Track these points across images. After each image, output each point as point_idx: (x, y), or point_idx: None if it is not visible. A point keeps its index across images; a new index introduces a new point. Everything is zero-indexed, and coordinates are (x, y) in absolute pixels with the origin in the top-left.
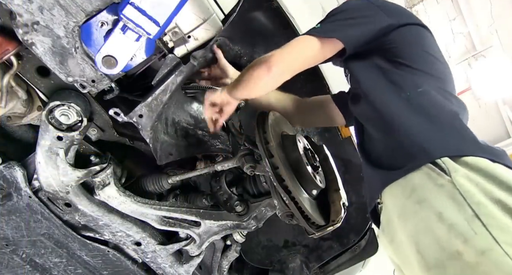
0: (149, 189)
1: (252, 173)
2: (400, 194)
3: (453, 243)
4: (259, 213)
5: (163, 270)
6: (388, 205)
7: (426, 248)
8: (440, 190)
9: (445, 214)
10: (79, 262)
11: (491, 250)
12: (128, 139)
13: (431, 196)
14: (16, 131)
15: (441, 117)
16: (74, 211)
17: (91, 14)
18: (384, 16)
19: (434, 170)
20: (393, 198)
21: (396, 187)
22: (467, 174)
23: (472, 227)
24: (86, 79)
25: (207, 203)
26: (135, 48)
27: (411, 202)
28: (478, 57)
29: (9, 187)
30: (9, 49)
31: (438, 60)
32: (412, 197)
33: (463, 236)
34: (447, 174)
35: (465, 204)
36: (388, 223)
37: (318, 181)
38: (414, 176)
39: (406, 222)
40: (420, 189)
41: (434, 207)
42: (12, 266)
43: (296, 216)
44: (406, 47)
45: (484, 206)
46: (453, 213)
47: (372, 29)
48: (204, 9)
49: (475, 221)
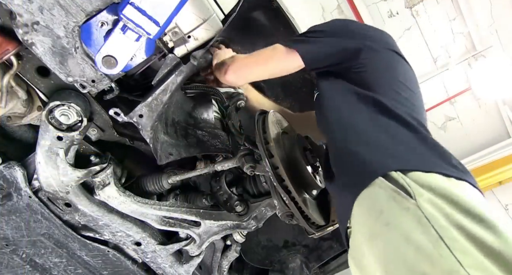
0: (149, 189)
1: (252, 173)
2: (368, 215)
3: (421, 266)
4: (259, 213)
5: (163, 270)
6: (356, 227)
7: (394, 270)
8: (407, 213)
9: (412, 237)
10: (79, 262)
11: (457, 272)
12: (128, 139)
13: (398, 218)
14: (16, 131)
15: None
16: (74, 211)
17: (91, 14)
18: (355, 39)
19: (400, 194)
20: (361, 220)
21: (364, 209)
22: (431, 199)
23: (437, 249)
24: (86, 79)
25: (207, 203)
26: (135, 48)
27: (379, 224)
28: (478, 57)
29: (9, 187)
30: (9, 49)
31: (408, 89)
32: (380, 219)
33: (430, 259)
34: (412, 197)
35: (430, 227)
36: (356, 247)
37: (318, 181)
38: (380, 198)
39: (374, 243)
40: (387, 211)
41: (401, 229)
42: (12, 266)
43: (296, 216)
44: (375, 72)
45: (447, 230)
46: (419, 235)
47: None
48: (204, 9)
49: (440, 243)
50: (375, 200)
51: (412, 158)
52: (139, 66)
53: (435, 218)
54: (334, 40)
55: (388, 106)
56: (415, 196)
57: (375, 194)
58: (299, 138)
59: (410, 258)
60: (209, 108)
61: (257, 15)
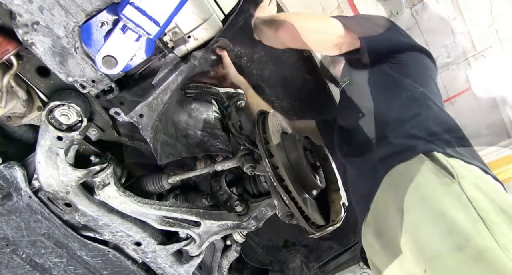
0: (149, 189)
1: (252, 173)
2: (402, 188)
3: (455, 239)
4: (259, 213)
5: (163, 270)
6: (383, 198)
7: (426, 240)
8: (447, 190)
9: (449, 213)
10: (79, 262)
11: (492, 249)
12: (128, 139)
13: (436, 193)
14: (16, 131)
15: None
16: (74, 211)
17: (91, 14)
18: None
19: (442, 172)
20: (392, 192)
21: (397, 182)
22: (475, 182)
23: (476, 228)
24: (86, 79)
25: (207, 203)
26: (135, 48)
27: (414, 197)
28: (478, 57)
29: (9, 187)
30: (9, 49)
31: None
32: (416, 192)
33: (466, 234)
34: (455, 178)
35: (470, 207)
36: (379, 218)
37: (318, 181)
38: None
39: (406, 214)
40: (425, 186)
41: (438, 203)
42: (12, 266)
43: (296, 216)
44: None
45: (489, 213)
46: (457, 213)
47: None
48: (204, 9)
49: (480, 223)
50: (412, 174)
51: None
52: (139, 66)
53: (477, 200)
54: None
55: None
56: (458, 178)
57: (414, 169)
58: (299, 138)
59: (445, 231)
60: (209, 108)
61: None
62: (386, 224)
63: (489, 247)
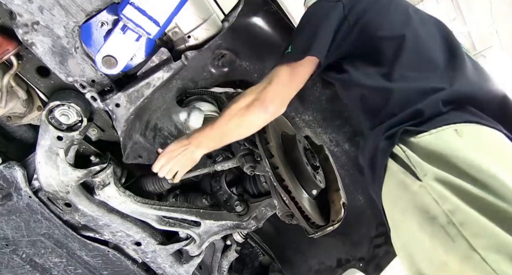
0: (149, 189)
1: (252, 173)
2: (389, 203)
3: (437, 253)
4: (259, 213)
5: (163, 270)
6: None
7: (418, 261)
8: (415, 199)
9: (425, 224)
10: (79, 262)
11: (470, 257)
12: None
13: (409, 206)
14: (16, 131)
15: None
16: (74, 211)
17: (91, 14)
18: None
19: (408, 176)
20: (386, 208)
21: (385, 199)
22: (437, 174)
23: (450, 235)
24: (86, 79)
25: (207, 203)
26: (135, 48)
27: (397, 212)
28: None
29: (9, 187)
30: (9, 49)
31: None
32: (397, 207)
33: (444, 246)
34: (418, 178)
35: (440, 211)
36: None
37: (318, 181)
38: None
39: (397, 232)
40: (400, 199)
41: (415, 217)
42: (12, 266)
43: (296, 216)
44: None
45: (458, 211)
46: (431, 222)
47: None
48: (204, 9)
49: (451, 228)
50: (391, 188)
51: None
52: (139, 66)
53: (444, 199)
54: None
55: None
56: (420, 176)
57: (390, 181)
58: (299, 138)
59: (427, 247)
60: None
61: (259, 23)
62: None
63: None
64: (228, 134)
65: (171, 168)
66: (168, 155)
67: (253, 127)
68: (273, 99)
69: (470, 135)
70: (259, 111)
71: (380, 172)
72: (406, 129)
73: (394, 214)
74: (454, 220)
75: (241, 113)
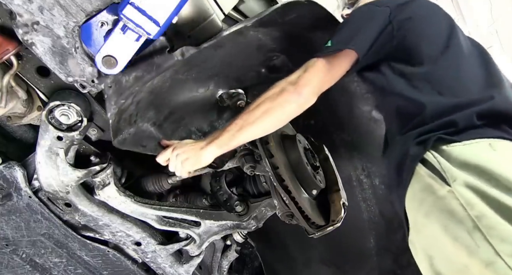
0: (149, 189)
1: (252, 173)
2: (412, 206)
3: (460, 256)
4: (259, 213)
5: (163, 270)
6: (409, 218)
7: (438, 263)
8: (442, 203)
9: (449, 227)
10: (79, 262)
11: (494, 263)
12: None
13: (434, 209)
14: (16, 131)
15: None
16: (74, 211)
17: (91, 14)
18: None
19: (436, 180)
20: (408, 211)
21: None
22: (467, 181)
23: (474, 240)
24: (86, 79)
25: (207, 203)
26: (135, 48)
27: (420, 215)
28: None
29: (9, 187)
30: (9, 49)
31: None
32: (421, 210)
33: (467, 249)
34: (447, 183)
35: (466, 216)
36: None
37: (318, 181)
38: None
39: (418, 235)
40: (425, 202)
41: (439, 220)
42: (12, 266)
43: (296, 216)
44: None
45: (485, 217)
46: (455, 225)
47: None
48: (204, 9)
49: (476, 233)
50: (416, 191)
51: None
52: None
53: (471, 205)
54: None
55: None
56: (449, 181)
57: (416, 184)
58: (299, 138)
59: (450, 250)
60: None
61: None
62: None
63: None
64: (250, 126)
65: (177, 165)
66: (178, 150)
67: (284, 114)
68: (307, 84)
69: (503, 150)
70: (293, 94)
71: (407, 176)
72: (440, 137)
73: (417, 217)
74: (480, 225)
75: (272, 98)
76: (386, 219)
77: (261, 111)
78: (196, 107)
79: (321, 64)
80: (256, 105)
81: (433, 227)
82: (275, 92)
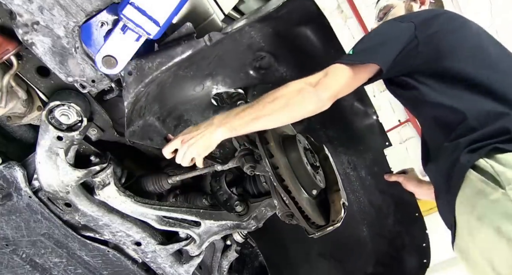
0: (149, 189)
1: (252, 173)
2: (464, 211)
3: None
4: (259, 213)
5: (163, 270)
6: (459, 222)
7: (499, 265)
8: (496, 205)
9: (502, 229)
10: (79, 262)
11: None
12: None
13: (488, 211)
14: (16, 131)
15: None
16: (74, 211)
17: (91, 14)
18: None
19: (489, 184)
20: (459, 215)
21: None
22: None
23: None
24: (86, 79)
25: (207, 203)
26: (135, 48)
27: (473, 218)
28: None
29: (9, 187)
30: (9, 49)
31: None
32: (474, 213)
33: None
34: (502, 187)
35: None
36: (462, 241)
37: (318, 181)
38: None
39: (474, 239)
40: (478, 205)
41: (493, 223)
42: (12, 266)
43: (296, 216)
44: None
45: None
46: (509, 226)
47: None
48: (204, 9)
49: None
50: (468, 196)
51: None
52: None
53: None
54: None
55: None
56: (504, 185)
57: (467, 189)
58: (299, 138)
59: (506, 251)
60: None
61: (308, 34)
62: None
63: None
64: (266, 117)
65: (186, 152)
66: (184, 136)
67: (300, 112)
68: (326, 89)
69: None
70: (313, 95)
71: (458, 182)
72: (496, 147)
73: (470, 221)
74: None
75: (291, 95)
76: (376, 207)
77: (280, 105)
78: (193, 106)
79: (343, 72)
80: (272, 98)
81: (488, 230)
82: (294, 90)
